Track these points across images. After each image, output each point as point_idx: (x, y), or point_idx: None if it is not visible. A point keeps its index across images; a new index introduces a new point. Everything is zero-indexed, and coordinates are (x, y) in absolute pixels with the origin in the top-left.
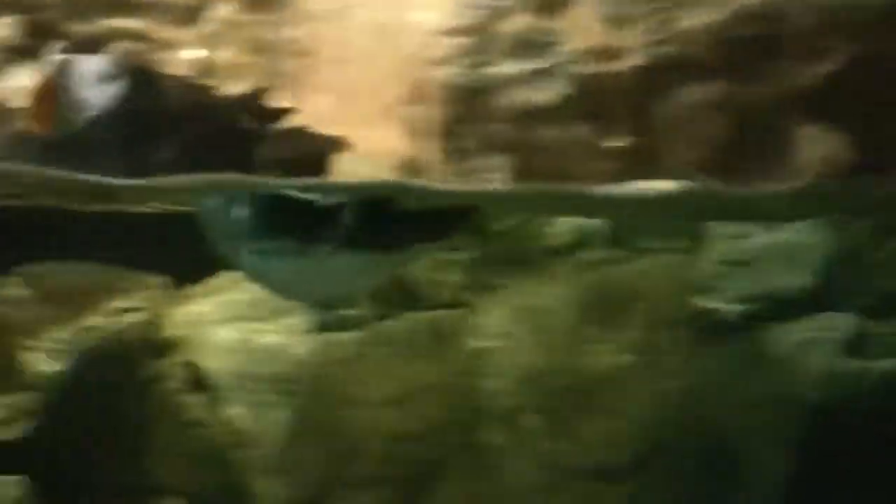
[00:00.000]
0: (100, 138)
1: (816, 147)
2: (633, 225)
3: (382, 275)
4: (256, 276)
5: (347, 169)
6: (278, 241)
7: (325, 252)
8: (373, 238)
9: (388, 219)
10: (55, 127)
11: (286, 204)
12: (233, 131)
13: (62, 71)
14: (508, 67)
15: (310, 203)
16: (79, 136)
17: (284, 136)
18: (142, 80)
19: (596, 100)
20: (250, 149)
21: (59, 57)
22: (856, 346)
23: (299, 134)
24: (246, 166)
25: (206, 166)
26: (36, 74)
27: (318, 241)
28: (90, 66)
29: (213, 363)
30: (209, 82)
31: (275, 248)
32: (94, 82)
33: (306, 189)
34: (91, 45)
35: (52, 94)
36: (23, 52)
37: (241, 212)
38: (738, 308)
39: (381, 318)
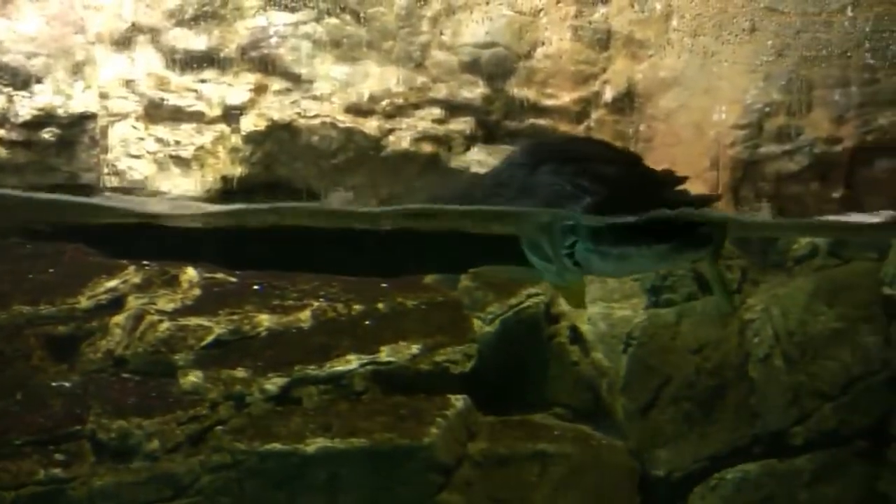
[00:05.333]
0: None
1: None
2: (843, 241)
3: (676, 266)
4: (593, 268)
5: None
6: (612, 245)
7: (640, 251)
8: (675, 242)
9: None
10: None
11: (617, 226)
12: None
13: None
14: (772, 148)
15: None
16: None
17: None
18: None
19: (825, 168)
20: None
21: None
22: None
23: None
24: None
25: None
26: None
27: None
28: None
29: (586, 327)
30: None
31: (609, 250)
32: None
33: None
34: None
35: None
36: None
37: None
38: None
39: (689, 299)
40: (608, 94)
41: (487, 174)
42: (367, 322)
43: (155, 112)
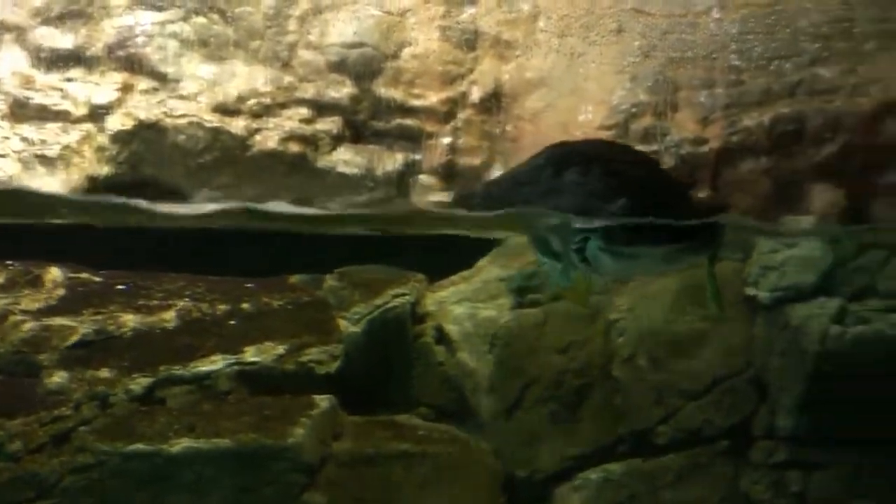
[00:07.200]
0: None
1: (824, 197)
2: None
3: (678, 267)
4: (602, 267)
5: None
6: (625, 245)
7: (651, 251)
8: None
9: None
10: None
11: (626, 227)
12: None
13: None
14: (639, 149)
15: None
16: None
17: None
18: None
19: (691, 169)
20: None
21: None
22: (840, 318)
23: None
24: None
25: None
26: None
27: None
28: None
29: (451, 327)
30: (454, 158)
31: (621, 250)
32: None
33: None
34: (389, 137)
35: None
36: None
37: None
38: (771, 295)
39: (555, 299)
40: (475, 95)
41: (507, 175)
42: (232, 322)
43: (20, 111)
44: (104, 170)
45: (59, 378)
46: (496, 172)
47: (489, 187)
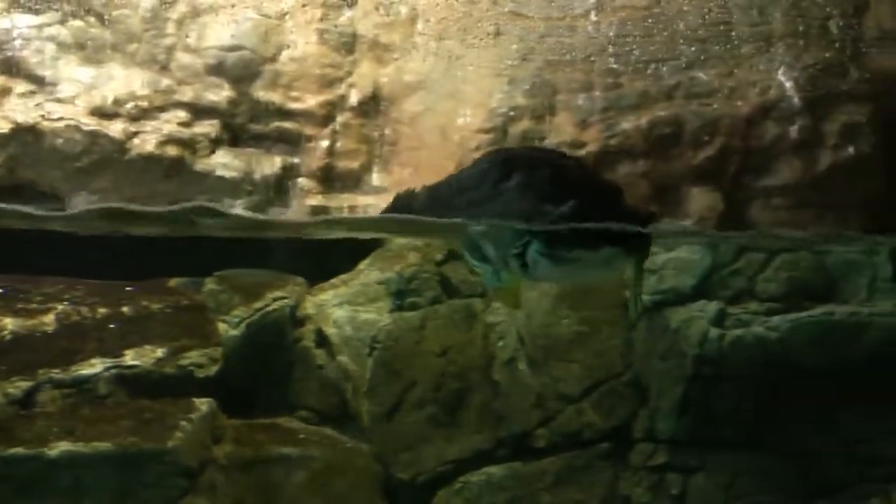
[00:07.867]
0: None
1: (701, 200)
2: None
3: (611, 271)
4: (539, 272)
5: None
6: (567, 250)
7: (591, 255)
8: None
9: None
10: None
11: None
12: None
13: None
14: None
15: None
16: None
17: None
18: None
19: None
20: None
21: None
22: (719, 321)
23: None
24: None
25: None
26: None
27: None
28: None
29: (331, 330)
30: (333, 161)
31: (563, 255)
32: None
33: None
34: (267, 141)
35: None
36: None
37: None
38: (650, 298)
39: (434, 303)
40: (354, 98)
41: (449, 180)
42: (111, 325)
43: None
44: None
45: None
46: (375, 175)
47: (431, 192)
